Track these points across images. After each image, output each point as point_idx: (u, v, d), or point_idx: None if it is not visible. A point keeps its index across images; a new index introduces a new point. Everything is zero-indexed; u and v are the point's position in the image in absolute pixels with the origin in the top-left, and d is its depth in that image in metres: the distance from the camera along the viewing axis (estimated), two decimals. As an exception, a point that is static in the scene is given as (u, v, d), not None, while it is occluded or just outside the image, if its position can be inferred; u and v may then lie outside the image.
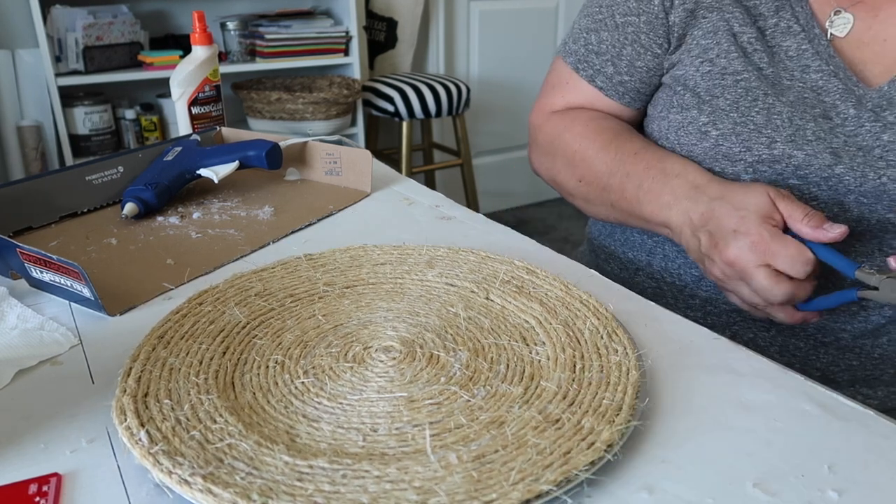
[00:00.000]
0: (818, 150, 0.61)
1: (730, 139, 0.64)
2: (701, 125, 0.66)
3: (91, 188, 0.81)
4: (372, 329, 0.52)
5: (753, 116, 0.63)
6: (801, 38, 0.63)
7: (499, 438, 0.40)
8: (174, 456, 0.38)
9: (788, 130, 0.62)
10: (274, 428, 0.42)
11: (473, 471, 0.37)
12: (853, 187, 0.61)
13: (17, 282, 0.63)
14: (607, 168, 0.70)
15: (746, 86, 0.64)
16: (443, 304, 0.56)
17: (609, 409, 0.42)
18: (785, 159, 0.62)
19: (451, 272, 0.60)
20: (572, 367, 0.47)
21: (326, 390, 0.45)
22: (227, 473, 0.37)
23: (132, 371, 0.46)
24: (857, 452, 0.40)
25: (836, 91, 0.62)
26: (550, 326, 0.51)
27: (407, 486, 0.36)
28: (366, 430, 0.41)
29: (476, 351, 0.49)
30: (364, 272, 0.61)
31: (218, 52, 1.01)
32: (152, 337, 0.50)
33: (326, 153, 0.89)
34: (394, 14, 2.51)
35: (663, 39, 0.70)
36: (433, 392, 0.45)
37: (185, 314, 0.54)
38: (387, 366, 0.48)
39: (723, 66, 0.65)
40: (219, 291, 0.57)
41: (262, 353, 0.49)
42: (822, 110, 0.62)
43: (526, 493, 0.36)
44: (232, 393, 0.45)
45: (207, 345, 0.50)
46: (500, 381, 0.46)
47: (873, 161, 0.60)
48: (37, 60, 2.03)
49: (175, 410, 0.43)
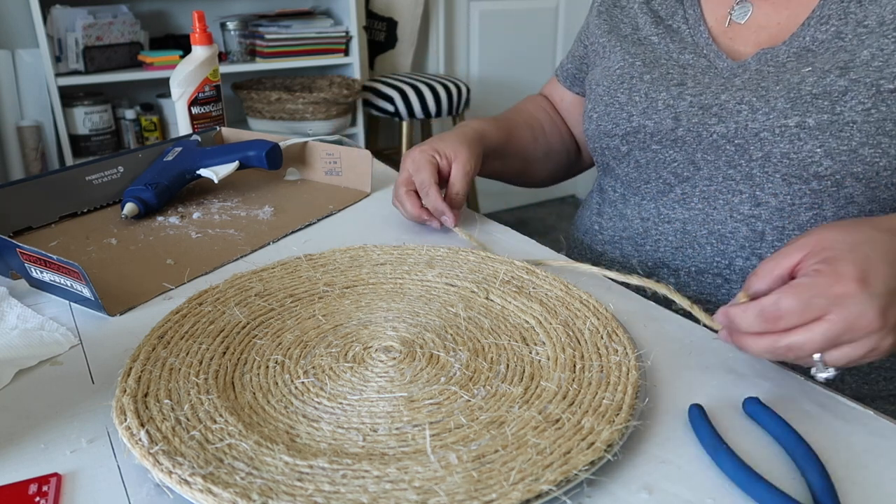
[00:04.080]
0: (664, 116, 0.69)
1: (604, 119, 0.75)
2: (588, 110, 0.79)
3: (91, 188, 0.81)
4: (372, 329, 0.52)
5: (618, 97, 0.73)
6: (686, 34, 0.73)
7: (499, 438, 0.40)
8: (174, 456, 0.38)
9: (644, 104, 0.71)
10: (274, 428, 0.42)
11: (473, 471, 0.37)
12: (695, 146, 0.67)
13: (17, 282, 0.63)
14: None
15: (620, 72, 0.74)
16: (443, 304, 0.56)
17: (609, 409, 0.42)
18: (642, 129, 0.71)
19: (451, 272, 0.60)
20: (572, 367, 0.47)
21: (326, 390, 0.45)
22: (227, 473, 0.37)
23: (132, 371, 0.46)
24: (857, 452, 0.40)
25: (700, 66, 0.70)
26: (550, 326, 0.51)
27: (407, 486, 0.36)
28: (366, 431, 0.41)
29: (476, 351, 0.49)
30: (364, 272, 0.61)
31: (218, 52, 1.01)
32: (152, 337, 0.50)
33: (326, 153, 0.89)
34: (394, 14, 2.51)
35: (585, 36, 0.86)
36: (433, 392, 0.45)
37: (185, 314, 0.54)
38: (387, 366, 0.48)
39: (608, 59, 0.77)
40: (219, 291, 0.57)
41: (262, 353, 0.49)
42: (680, 80, 0.70)
43: (526, 492, 0.36)
44: (232, 393, 0.45)
45: (207, 345, 0.50)
46: (500, 381, 0.46)
47: (707, 118, 0.66)
48: (37, 60, 2.03)
49: (175, 410, 0.43)
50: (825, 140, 0.59)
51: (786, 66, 0.64)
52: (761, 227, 0.66)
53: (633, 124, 0.71)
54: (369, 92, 2.34)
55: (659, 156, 0.71)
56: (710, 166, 0.67)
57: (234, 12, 2.34)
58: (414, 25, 2.56)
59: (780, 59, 0.65)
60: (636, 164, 0.73)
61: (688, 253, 0.70)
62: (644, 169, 0.73)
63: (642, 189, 0.74)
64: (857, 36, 0.60)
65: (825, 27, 0.63)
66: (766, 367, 0.49)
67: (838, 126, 0.59)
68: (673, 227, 0.72)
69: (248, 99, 2.22)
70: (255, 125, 2.25)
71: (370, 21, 2.54)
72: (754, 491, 0.36)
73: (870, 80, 0.58)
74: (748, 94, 0.64)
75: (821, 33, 0.63)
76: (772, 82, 0.63)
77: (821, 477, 0.37)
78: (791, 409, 0.44)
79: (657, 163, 0.71)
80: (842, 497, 0.37)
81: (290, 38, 2.22)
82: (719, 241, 0.68)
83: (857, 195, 0.62)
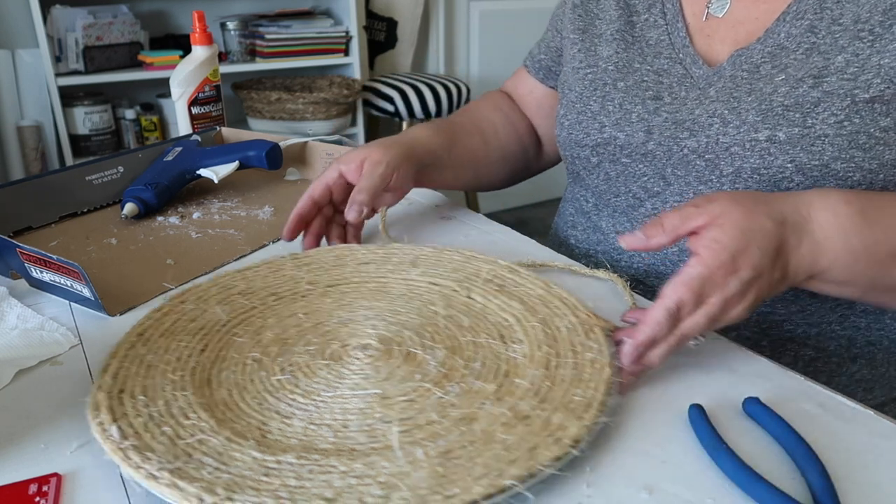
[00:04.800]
0: (636, 129, 0.68)
1: (576, 127, 0.73)
2: (560, 116, 0.76)
3: (91, 188, 0.81)
4: (351, 327, 0.53)
5: (591, 105, 0.71)
6: (663, 30, 0.70)
7: (467, 434, 0.40)
8: (144, 451, 0.39)
9: (617, 115, 0.69)
10: (246, 424, 0.42)
11: (439, 466, 0.38)
12: (665, 160, 0.66)
13: (17, 282, 0.63)
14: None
15: (593, 77, 0.72)
16: (424, 303, 0.56)
17: (579, 405, 0.42)
18: (613, 141, 0.69)
19: (434, 271, 0.60)
20: (546, 365, 0.47)
21: (301, 387, 0.46)
22: (194, 469, 0.38)
23: (109, 367, 0.46)
24: (857, 452, 0.40)
25: (675, 74, 0.68)
26: (529, 324, 0.52)
27: (372, 482, 0.37)
28: (337, 427, 0.42)
29: (453, 349, 0.49)
30: (348, 271, 0.61)
31: (218, 52, 1.01)
32: (132, 334, 0.51)
33: (326, 153, 0.90)
34: (394, 14, 2.51)
35: (560, 25, 0.83)
36: (407, 389, 0.45)
37: (167, 312, 0.54)
38: (363, 363, 0.48)
39: (579, 59, 0.75)
40: (202, 290, 0.57)
41: (240, 351, 0.50)
42: (656, 92, 0.68)
43: (489, 487, 0.36)
44: (207, 390, 0.45)
45: (186, 342, 0.50)
46: (474, 378, 0.46)
47: (679, 133, 0.65)
48: (37, 60, 2.03)
49: (149, 407, 0.43)
50: (796, 155, 0.58)
51: (760, 70, 0.62)
52: None
53: (605, 135, 0.70)
54: (369, 92, 2.34)
55: (629, 169, 0.69)
56: (681, 182, 0.66)
57: (234, 12, 2.34)
58: (414, 25, 2.56)
59: (754, 60, 0.63)
60: (606, 176, 0.72)
61: (661, 270, 0.69)
62: (614, 182, 0.71)
63: (612, 202, 0.73)
64: (830, 34, 0.59)
65: (800, 22, 0.61)
66: (766, 367, 0.49)
67: (809, 140, 0.58)
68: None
69: (248, 99, 2.22)
70: (255, 125, 2.25)
71: (370, 21, 2.54)
72: (754, 491, 0.36)
73: (843, 90, 0.57)
74: (720, 106, 0.63)
75: (795, 28, 0.61)
76: (744, 92, 0.62)
77: (821, 477, 0.37)
78: (791, 409, 0.44)
79: (627, 176, 0.70)
80: (842, 497, 0.37)
81: (290, 38, 2.22)
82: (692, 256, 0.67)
83: None
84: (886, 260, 0.51)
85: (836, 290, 0.53)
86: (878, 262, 0.51)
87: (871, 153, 0.57)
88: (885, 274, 0.52)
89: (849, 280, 0.51)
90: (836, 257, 0.50)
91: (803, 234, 0.49)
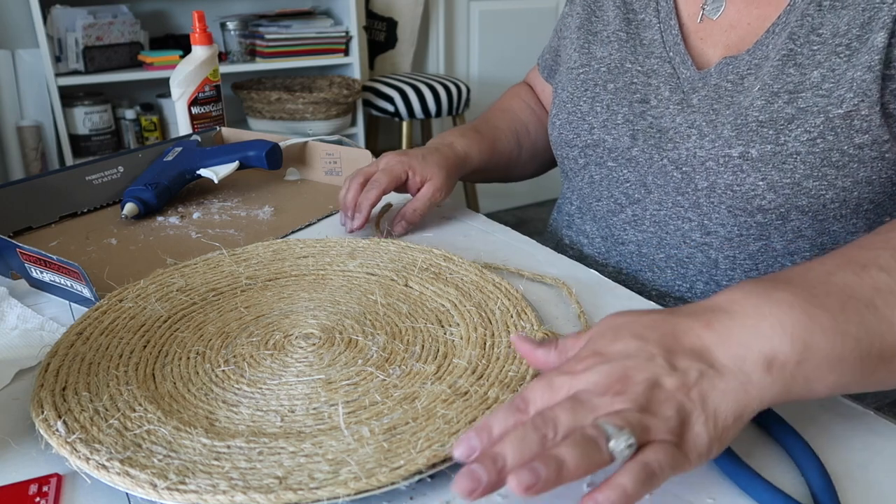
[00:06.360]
0: (622, 133, 0.68)
1: (566, 127, 0.73)
2: (552, 116, 0.76)
3: (91, 188, 0.81)
4: (293, 318, 0.54)
5: (581, 105, 0.72)
6: (656, 29, 0.70)
7: (410, 412, 0.42)
8: (91, 444, 0.39)
9: (604, 116, 0.69)
10: (193, 414, 0.43)
11: (384, 442, 0.39)
12: (646, 168, 0.67)
13: (17, 282, 0.63)
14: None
15: (585, 77, 0.72)
16: (363, 293, 0.57)
17: (514, 379, 0.45)
18: (601, 143, 0.70)
19: (371, 262, 0.62)
20: (482, 345, 0.49)
21: (246, 377, 0.46)
22: (144, 457, 0.38)
23: (49, 366, 0.47)
24: (857, 452, 0.40)
25: (664, 74, 0.68)
26: (465, 308, 0.53)
27: (321, 459, 0.38)
28: (283, 412, 0.43)
29: (393, 334, 0.51)
30: (287, 265, 0.62)
31: (218, 52, 1.01)
32: (70, 334, 0.51)
33: (326, 153, 0.90)
34: (394, 14, 2.51)
35: (561, 26, 0.83)
36: (350, 374, 0.46)
37: (105, 311, 0.54)
38: (306, 352, 0.49)
39: (575, 59, 0.75)
40: (140, 288, 0.58)
41: (183, 346, 0.50)
42: (644, 94, 0.68)
43: (432, 458, 0.38)
44: (152, 383, 0.46)
45: (128, 339, 0.51)
46: (414, 360, 0.48)
47: (663, 143, 0.65)
48: (37, 60, 2.03)
49: (94, 402, 0.43)
50: (767, 172, 0.58)
51: (743, 82, 0.62)
52: (714, 254, 0.65)
53: (594, 137, 0.70)
54: (369, 92, 2.34)
55: (613, 174, 0.70)
56: (660, 191, 0.66)
57: (234, 12, 2.34)
58: (414, 25, 2.56)
59: (740, 71, 0.62)
60: (590, 179, 0.72)
61: (647, 276, 0.69)
62: (597, 185, 0.72)
63: (594, 206, 0.73)
64: (808, 44, 0.58)
65: (785, 32, 0.60)
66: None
67: (781, 158, 0.57)
68: (628, 248, 0.71)
69: (248, 99, 2.22)
70: (255, 125, 2.25)
71: (370, 21, 2.54)
72: (754, 491, 0.37)
73: (818, 107, 0.56)
74: (699, 117, 0.63)
75: (781, 38, 0.60)
76: (724, 105, 0.62)
77: (821, 477, 0.37)
78: (791, 409, 0.44)
79: (610, 181, 0.70)
80: (842, 497, 0.37)
81: (290, 38, 2.22)
82: (678, 266, 0.67)
83: (805, 228, 0.61)
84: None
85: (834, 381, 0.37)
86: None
87: (845, 171, 0.57)
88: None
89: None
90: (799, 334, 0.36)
91: (716, 316, 0.37)
